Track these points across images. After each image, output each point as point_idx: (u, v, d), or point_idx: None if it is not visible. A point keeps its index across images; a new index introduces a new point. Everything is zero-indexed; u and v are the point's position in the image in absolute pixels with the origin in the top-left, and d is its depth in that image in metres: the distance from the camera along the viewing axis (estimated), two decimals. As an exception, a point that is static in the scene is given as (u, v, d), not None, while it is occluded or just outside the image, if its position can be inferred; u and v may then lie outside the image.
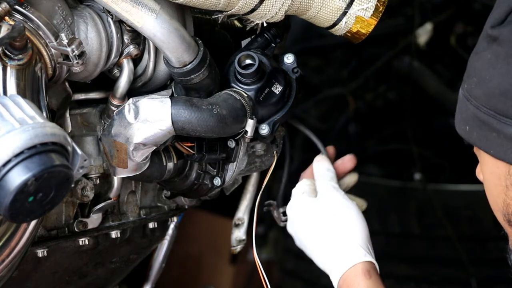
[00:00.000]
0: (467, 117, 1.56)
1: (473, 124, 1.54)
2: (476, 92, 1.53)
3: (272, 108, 1.81)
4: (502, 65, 1.48)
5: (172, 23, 1.67)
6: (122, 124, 1.69)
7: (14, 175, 1.38)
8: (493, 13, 1.53)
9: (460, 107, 1.59)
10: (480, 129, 1.53)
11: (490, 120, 1.50)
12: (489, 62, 1.51)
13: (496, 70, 1.49)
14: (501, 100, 1.48)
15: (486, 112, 1.51)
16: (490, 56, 1.51)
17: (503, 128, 1.48)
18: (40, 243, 1.81)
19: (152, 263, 2.19)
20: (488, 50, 1.52)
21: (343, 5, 1.75)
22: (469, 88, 1.55)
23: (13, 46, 1.53)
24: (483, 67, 1.52)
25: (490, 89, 1.50)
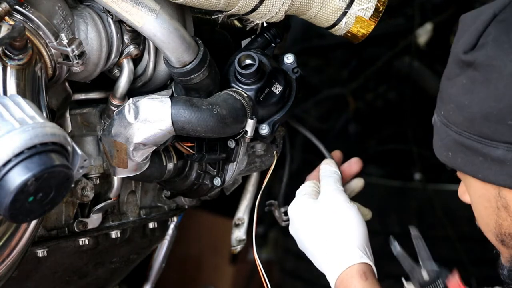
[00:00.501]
0: (448, 143, 1.55)
1: (456, 150, 1.54)
2: (456, 118, 1.53)
3: (272, 108, 1.81)
4: (480, 89, 1.48)
5: (172, 23, 1.67)
6: (122, 124, 1.69)
7: (14, 175, 1.38)
8: (462, 39, 1.53)
9: (438, 133, 1.58)
10: (465, 154, 1.53)
11: (474, 144, 1.50)
12: (466, 87, 1.51)
13: (475, 95, 1.49)
14: (485, 124, 1.48)
15: (469, 137, 1.51)
16: (465, 81, 1.51)
17: (490, 151, 1.48)
18: (40, 243, 1.81)
19: (152, 263, 2.19)
20: (462, 75, 1.52)
21: (343, 5, 1.75)
22: (446, 115, 1.55)
23: (13, 46, 1.53)
24: (460, 93, 1.52)
25: (471, 114, 1.50)
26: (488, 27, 1.50)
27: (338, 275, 1.71)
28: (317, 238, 1.76)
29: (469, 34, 1.52)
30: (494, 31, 1.49)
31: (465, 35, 1.52)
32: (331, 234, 1.74)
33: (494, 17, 1.51)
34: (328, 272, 1.73)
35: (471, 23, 1.54)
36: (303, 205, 1.79)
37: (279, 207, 2.01)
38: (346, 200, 1.77)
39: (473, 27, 1.52)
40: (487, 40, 1.49)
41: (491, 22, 1.50)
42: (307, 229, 1.77)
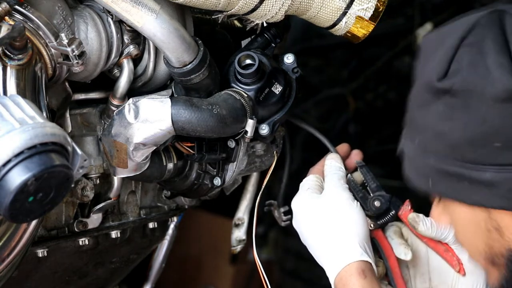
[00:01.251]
0: (427, 172, 1.54)
1: (438, 177, 1.53)
2: (436, 146, 1.52)
3: (272, 108, 1.81)
4: (461, 115, 1.47)
5: (172, 23, 1.67)
6: (122, 124, 1.69)
7: (14, 175, 1.38)
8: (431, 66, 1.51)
9: (415, 162, 1.57)
10: (449, 181, 1.51)
11: (459, 170, 1.49)
12: (444, 114, 1.49)
13: (456, 121, 1.48)
14: (469, 149, 1.47)
15: (453, 163, 1.50)
16: (443, 109, 1.49)
17: (478, 175, 1.47)
18: (40, 243, 1.81)
19: (152, 263, 2.19)
20: (438, 103, 1.50)
21: (343, 5, 1.75)
22: (424, 143, 1.54)
23: (13, 46, 1.53)
24: (438, 121, 1.51)
25: (453, 140, 1.48)
26: (458, 52, 1.49)
27: (337, 272, 1.71)
28: (318, 234, 1.76)
29: (439, 60, 1.50)
30: (467, 55, 1.48)
31: (435, 62, 1.51)
32: (332, 230, 1.74)
33: (462, 41, 1.50)
34: (328, 268, 1.74)
35: (437, 49, 1.53)
36: (306, 200, 1.79)
37: (279, 207, 2.01)
38: (349, 197, 1.77)
39: (441, 53, 1.50)
40: (461, 65, 1.48)
41: (460, 46, 1.49)
42: (309, 224, 1.77)
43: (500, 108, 1.43)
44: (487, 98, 1.44)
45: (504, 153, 1.45)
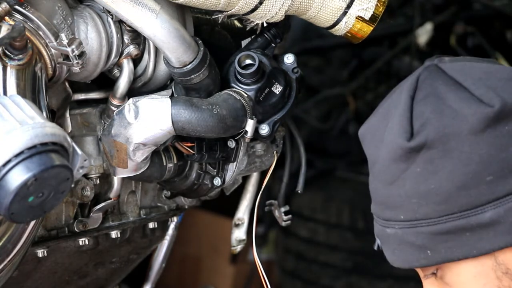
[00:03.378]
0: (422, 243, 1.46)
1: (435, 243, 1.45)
2: (425, 211, 1.45)
3: (272, 108, 1.81)
4: (444, 165, 1.43)
5: (172, 23, 1.67)
6: (122, 124, 1.69)
7: (14, 175, 1.38)
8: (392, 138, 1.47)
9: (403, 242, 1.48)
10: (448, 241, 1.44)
11: (457, 223, 1.43)
12: (424, 173, 1.44)
13: (440, 173, 1.43)
14: (463, 194, 1.42)
15: (449, 219, 1.43)
16: (422, 168, 1.44)
17: (478, 220, 1.42)
18: (40, 243, 1.81)
19: (152, 263, 2.19)
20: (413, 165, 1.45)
21: (343, 5, 1.75)
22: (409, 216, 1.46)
23: (13, 46, 1.53)
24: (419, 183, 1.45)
25: (444, 194, 1.43)
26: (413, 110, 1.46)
27: None
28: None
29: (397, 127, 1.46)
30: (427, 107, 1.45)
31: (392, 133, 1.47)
32: None
33: (412, 100, 1.47)
34: None
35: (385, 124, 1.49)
36: None
37: (279, 207, 2.01)
38: None
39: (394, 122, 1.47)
40: (424, 118, 1.45)
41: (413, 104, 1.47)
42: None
43: (480, 140, 1.41)
44: (465, 135, 1.41)
45: (498, 184, 1.41)
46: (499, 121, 1.41)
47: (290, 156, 2.08)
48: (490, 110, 1.41)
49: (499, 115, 1.41)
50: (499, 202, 1.41)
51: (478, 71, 1.47)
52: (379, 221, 1.55)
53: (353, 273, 3.68)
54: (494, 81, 1.44)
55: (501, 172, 1.41)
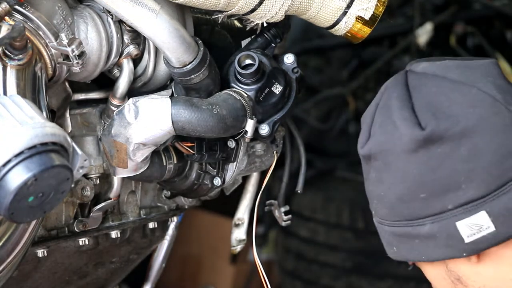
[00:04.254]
0: (389, 239, 1.57)
1: (397, 242, 1.55)
2: (382, 212, 1.55)
3: (272, 108, 1.81)
4: (386, 176, 1.51)
5: (172, 23, 1.67)
6: (122, 124, 1.69)
7: (14, 175, 1.38)
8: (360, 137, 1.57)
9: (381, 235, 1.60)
10: (404, 243, 1.54)
11: (406, 230, 1.52)
12: (376, 179, 1.54)
13: (385, 183, 1.52)
14: (403, 206, 1.50)
15: (399, 224, 1.52)
16: (374, 174, 1.54)
17: (419, 230, 1.50)
18: (40, 243, 1.81)
19: (152, 263, 2.19)
20: (370, 170, 1.55)
21: (343, 5, 1.75)
22: (375, 213, 1.58)
23: (13, 46, 1.53)
24: (374, 187, 1.55)
25: (389, 202, 1.52)
26: (374, 117, 1.54)
27: None
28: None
29: (362, 130, 1.56)
30: (379, 118, 1.53)
31: (361, 132, 1.57)
32: None
33: (377, 106, 1.55)
34: None
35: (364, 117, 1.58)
36: None
37: (279, 207, 2.01)
38: None
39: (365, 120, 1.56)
40: (375, 128, 1.53)
41: (376, 111, 1.55)
42: None
43: (413, 159, 1.47)
44: (399, 153, 1.48)
45: (432, 202, 1.48)
46: (432, 143, 1.47)
47: (290, 156, 2.08)
48: (421, 133, 1.47)
49: (430, 138, 1.47)
50: (434, 218, 1.48)
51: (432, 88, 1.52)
52: None
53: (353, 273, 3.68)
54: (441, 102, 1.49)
55: (434, 191, 1.48)
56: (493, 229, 1.46)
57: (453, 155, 1.46)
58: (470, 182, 1.45)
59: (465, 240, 1.48)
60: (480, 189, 1.45)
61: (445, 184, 1.47)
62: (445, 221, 1.48)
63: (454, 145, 1.45)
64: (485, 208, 1.45)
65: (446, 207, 1.47)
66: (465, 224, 1.47)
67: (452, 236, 1.48)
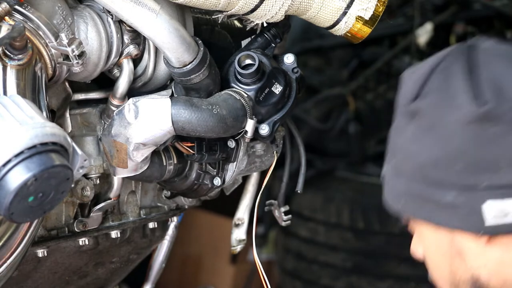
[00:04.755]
0: (400, 193, 1.57)
1: (408, 198, 1.55)
2: (406, 167, 1.54)
3: (272, 108, 1.81)
4: (427, 137, 1.51)
5: (172, 23, 1.67)
6: (122, 124, 1.69)
7: (14, 175, 1.38)
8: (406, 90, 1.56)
9: (390, 185, 1.60)
10: (417, 202, 1.54)
11: (425, 191, 1.52)
12: (414, 136, 1.53)
13: (423, 143, 1.51)
14: (433, 171, 1.50)
15: (420, 184, 1.52)
16: (413, 130, 1.53)
17: (441, 197, 1.50)
18: (40, 243, 1.81)
19: (152, 263, 2.19)
20: (409, 125, 1.54)
21: (343, 5, 1.75)
22: (397, 165, 1.57)
23: (13, 46, 1.53)
24: (408, 142, 1.54)
25: (420, 162, 1.52)
26: (430, 76, 1.53)
27: None
28: None
29: (412, 84, 1.55)
30: (437, 80, 1.52)
31: (408, 86, 1.56)
32: None
33: (436, 66, 1.54)
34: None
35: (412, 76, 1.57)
36: None
37: (279, 207, 2.01)
38: None
39: (415, 78, 1.55)
40: (430, 88, 1.52)
41: (433, 71, 1.54)
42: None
43: (462, 131, 1.47)
44: (450, 121, 1.48)
45: (465, 175, 1.48)
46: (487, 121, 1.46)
47: (290, 156, 2.08)
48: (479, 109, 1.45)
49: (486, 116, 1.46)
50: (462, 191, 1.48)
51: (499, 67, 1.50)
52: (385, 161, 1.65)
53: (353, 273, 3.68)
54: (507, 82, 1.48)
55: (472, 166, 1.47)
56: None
57: (504, 138, 1.45)
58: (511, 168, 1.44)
59: (487, 222, 1.47)
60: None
61: (486, 162, 1.46)
62: (473, 197, 1.47)
63: (508, 129, 1.44)
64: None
65: (479, 184, 1.46)
66: (492, 206, 1.46)
67: (474, 212, 1.47)
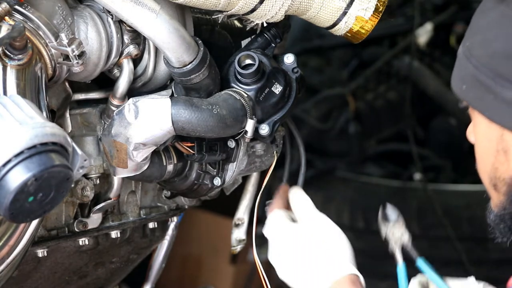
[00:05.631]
0: (465, 76, 1.55)
1: (471, 84, 1.53)
2: (478, 52, 1.52)
3: (272, 108, 1.81)
4: (508, 27, 1.48)
5: (172, 23, 1.67)
6: (122, 124, 1.69)
7: (14, 175, 1.38)
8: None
9: (458, 64, 1.57)
10: (478, 90, 1.52)
11: (489, 81, 1.49)
12: (495, 22, 1.50)
13: (502, 31, 1.49)
14: (504, 62, 1.47)
15: (486, 73, 1.50)
16: (496, 16, 1.50)
17: (502, 91, 1.48)
18: (40, 243, 1.81)
19: (152, 263, 2.19)
20: (494, 9, 1.51)
21: (343, 5, 1.75)
22: (470, 47, 1.54)
23: (13, 46, 1.53)
24: (488, 27, 1.51)
25: (494, 50, 1.49)
26: None
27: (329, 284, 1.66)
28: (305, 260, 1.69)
29: None
30: None
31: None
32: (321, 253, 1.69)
33: None
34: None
35: None
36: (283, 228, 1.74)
37: (279, 207, 2.01)
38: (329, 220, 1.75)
39: None
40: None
41: None
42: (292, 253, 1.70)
43: None
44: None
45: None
46: None
47: (290, 156, 2.08)
48: None
49: None
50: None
51: None
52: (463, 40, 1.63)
53: (353, 273, 3.67)
54: None
55: None
56: None
57: None
58: None
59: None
60: None
61: None
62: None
63: None
64: None
65: None
66: None
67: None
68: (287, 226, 1.75)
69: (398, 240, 1.80)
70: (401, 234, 1.80)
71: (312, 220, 1.75)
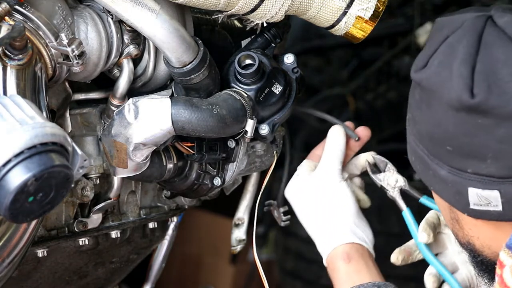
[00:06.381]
0: (411, 149, 1.59)
1: (415, 158, 1.57)
2: (413, 129, 1.56)
3: (272, 108, 1.81)
4: (425, 110, 1.51)
5: (172, 23, 1.67)
6: (122, 124, 1.69)
7: (14, 175, 1.38)
8: (418, 57, 1.53)
9: (407, 137, 1.61)
10: (421, 164, 1.56)
11: (426, 159, 1.53)
12: (417, 103, 1.53)
13: (422, 113, 1.52)
14: (430, 143, 1.51)
15: (422, 150, 1.54)
16: (417, 98, 1.53)
17: (436, 169, 1.51)
18: (40, 243, 1.81)
19: (152, 263, 2.19)
20: (415, 90, 1.54)
21: (343, 5, 1.75)
22: (409, 123, 1.58)
23: (13, 46, 1.53)
24: (414, 107, 1.55)
25: (420, 130, 1.53)
26: (439, 48, 1.51)
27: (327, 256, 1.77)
28: (310, 214, 1.82)
29: (423, 53, 1.53)
30: (441, 55, 1.50)
31: (421, 53, 1.53)
32: (321, 211, 1.78)
33: (445, 39, 1.51)
34: (321, 251, 1.80)
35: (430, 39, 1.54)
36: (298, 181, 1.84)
37: (279, 207, 2.01)
38: (338, 177, 1.80)
39: (430, 47, 1.52)
40: (434, 62, 1.50)
41: (442, 43, 1.51)
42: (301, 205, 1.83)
43: (453, 115, 1.46)
44: (443, 102, 1.47)
45: (454, 157, 1.48)
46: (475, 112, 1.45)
47: (289, 156, 2.08)
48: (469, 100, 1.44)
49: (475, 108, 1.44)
50: (452, 170, 1.50)
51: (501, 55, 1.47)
52: None
53: (353, 273, 3.67)
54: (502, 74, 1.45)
55: (460, 151, 1.48)
56: (500, 209, 1.47)
57: (490, 131, 1.44)
58: (496, 160, 1.45)
59: (471, 206, 1.49)
60: (503, 170, 1.45)
61: (472, 150, 1.46)
62: (460, 179, 1.49)
63: (495, 123, 1.44)
64: (500, 188, 1.46)
65: (465, 169, 1.48)
66: (476, 193, 1.48)
67: (461, 194, 1.49)
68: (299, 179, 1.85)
69: (394, 186, 1.85)
70: (396, 180, 1.84)
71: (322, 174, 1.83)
